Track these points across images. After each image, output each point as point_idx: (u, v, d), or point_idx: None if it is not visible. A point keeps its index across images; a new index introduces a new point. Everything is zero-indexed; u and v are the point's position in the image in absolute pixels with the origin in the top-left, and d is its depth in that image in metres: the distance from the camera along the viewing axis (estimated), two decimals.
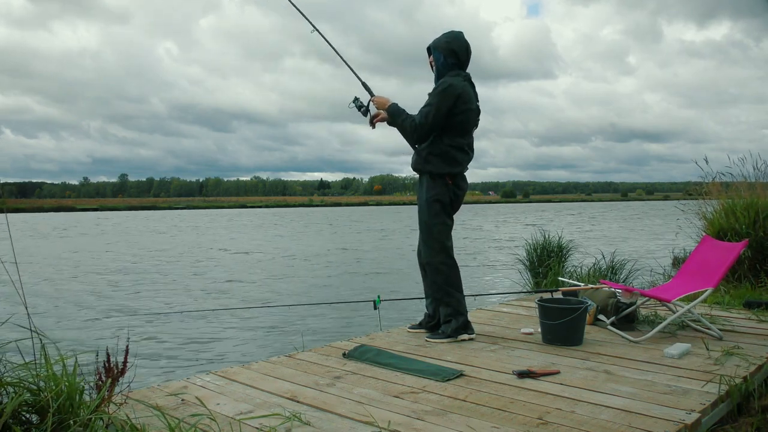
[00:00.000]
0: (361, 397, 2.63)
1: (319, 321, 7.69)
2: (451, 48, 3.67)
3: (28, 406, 2.08)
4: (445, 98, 3.56)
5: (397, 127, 3.75)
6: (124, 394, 2.48)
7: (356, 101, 3.85)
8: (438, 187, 3.66)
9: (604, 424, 2.25)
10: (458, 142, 3.65)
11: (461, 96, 3.58)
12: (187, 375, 3.30)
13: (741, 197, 6.58)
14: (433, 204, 3.66)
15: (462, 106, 3.59)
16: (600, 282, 4.57)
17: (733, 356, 3.19)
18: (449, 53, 3.67)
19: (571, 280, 5.86)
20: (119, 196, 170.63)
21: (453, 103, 3.56)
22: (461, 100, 3.58)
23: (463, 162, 3.70)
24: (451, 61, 3.68)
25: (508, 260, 8.90)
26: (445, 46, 3.67)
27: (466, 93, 3.61)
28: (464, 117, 3.62)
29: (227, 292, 10.62)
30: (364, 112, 3.85)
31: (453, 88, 3.56)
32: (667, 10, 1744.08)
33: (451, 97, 3.55)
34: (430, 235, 3.68)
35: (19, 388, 2.07)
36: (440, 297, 3.71)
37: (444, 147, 3.63)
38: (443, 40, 3.69)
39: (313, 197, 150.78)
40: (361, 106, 3.85)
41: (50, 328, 7.60)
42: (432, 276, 3.72)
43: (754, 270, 6.06)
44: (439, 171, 3.63)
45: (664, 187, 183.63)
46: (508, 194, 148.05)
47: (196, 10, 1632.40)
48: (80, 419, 2.01)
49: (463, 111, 3.60)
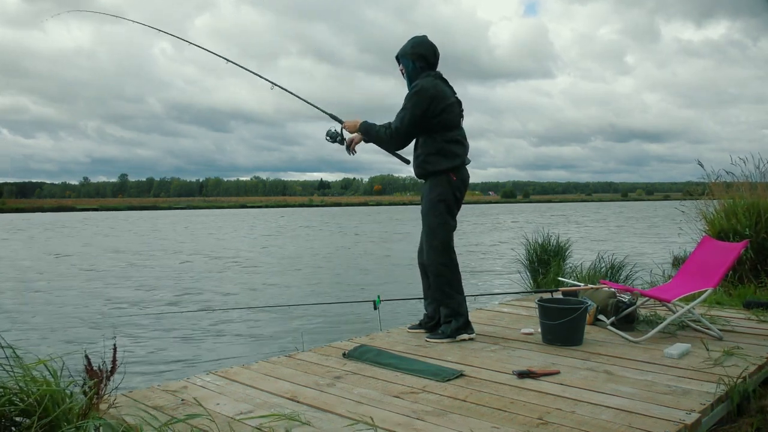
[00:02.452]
0: (361, 397, 2.63)
1: (319, 321, 7.69)
2: (418, 53, 3.70)
3: (15, 407, 2.07)
4: (419, 101, 3.57)
5: (374, 140, 3.76)
6: (125, 395, 2.48)
7: (329, 133, 3.89)
8: (442, 185, 3.66)
9: (604, 424, 2.25)
10: (450, 136, 3.66)
11: (435, 96, 3.59)
12: (186, 375, 3.30)
13: (742, 198, 6.57)
14: (438, 204, 3.66)
15: (441, 105, 3.60)
16: (600, 282, 4.57)
17: (733, 356, 3.19)
18: (417, 58, 3.70)
19: (571, 280, 5.86)
20: (119, 196, 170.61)
21: (428, 105, 3.57)
22: (436, 100, 3.59)
23: (462, 153, 3.70)
24: (420, 64, 3.70)
25: (508, 260, 8.90)
26: (412, 52, 3.70)
27: (439, 91, 3.62)
28: (447, 114, 3.63)
29: (227, 292, 10.62)
30: (340, 141, 3.89)
31: (424, 90, 3.58)
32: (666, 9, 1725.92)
33: (424, 100, 3.57)
34: (434, 236, 3.68)
35: (5, 391, 2.06)
36: (440, 298, 3.71)
37: (438, 144, 3.63)
38: (409, 47, 3.73)
39: (313, 197, 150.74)
40: (336, 135, 3.89)
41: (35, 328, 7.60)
42: (433, 277, 3.71)
43: (754, 270, 6.06)
44: (441, 168, 3.63)
45: (665, 188, 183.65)
46: (508, 194, 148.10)
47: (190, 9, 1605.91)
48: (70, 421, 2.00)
49: (443, 109, 3.61)
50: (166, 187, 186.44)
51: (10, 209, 76.07)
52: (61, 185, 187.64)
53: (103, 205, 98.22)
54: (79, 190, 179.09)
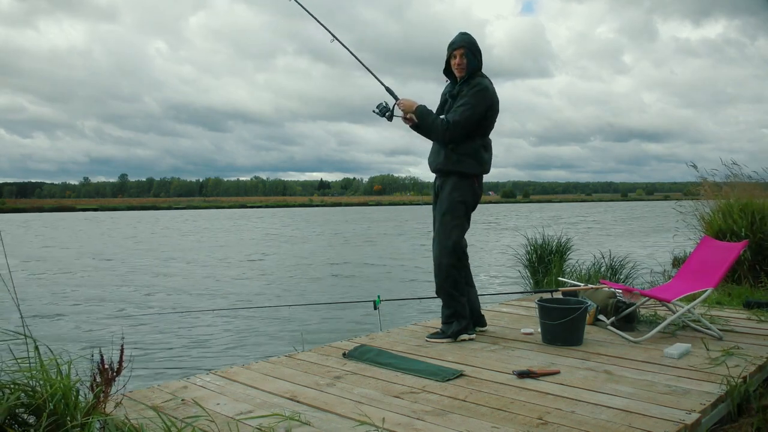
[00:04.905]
0: (361, 397, 2.63)
1: (319, 321, 7.69)
2: (478, 48, 3.72)
3: (24, 406, 2.08)
4: (483, 99, 3.60)
5: (427, 127, 3.68)
6: (126, 395, 2.48)
7: (380, 106, 3.78)
8: (465, 188, 3.67)
9: (604, 424, 2.25)
10: (485, 142, 3.72)
11: (496, 102, 3.66)
12: (187, 375, 3.30)
13: (736, 198, 6.58)
14: (458, 206, 3.66)
15: (495, 111, 3.68)
16: (600, 282, 4.57)
17: (733, 356, 3.19)
18: (479, 54, 3.71)
19: (571, 280, 5.86)
20: (119, 196, 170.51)
21: (489, 107, 3.62)
22: (495, 106, 3.66)
23: (489, 162, 3.76)
24: (477, 62, 3.70)
25: (509, 260, 8.90)
26: (472, 48, 3.68)
27: (496, 96, 3.69)
28: (491, 120, 3.70)
29: (227, 292, 10.62)
30: (389, 117, 3.77)
31: (489, 92, 3.63)
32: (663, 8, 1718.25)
33: (488, 100, 3.62)
34: (447, 236, 3.66)
35: (15, 389, 2.06)
36: (445, 299, 3.71)
37: (476, 147, 3.65)
38: (471, 41, 3.70)
39: (313, 197, 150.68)
40: (386, 110, 3.78)
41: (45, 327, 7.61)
42: (439, 276, 3.69)
43: (753, 270, 6.07)
44: (471, 171, 3.66)
45: (665, 188, 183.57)
46: (508, 194, 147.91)
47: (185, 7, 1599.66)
48: (77, 420, 2.00)
49: (492, 114, 3.68)
50: (166, 187, 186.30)
51: (10, 209, 76.06)
52: (61, 185, 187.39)
53: (103, 205, 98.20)
54: (79, 190, 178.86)
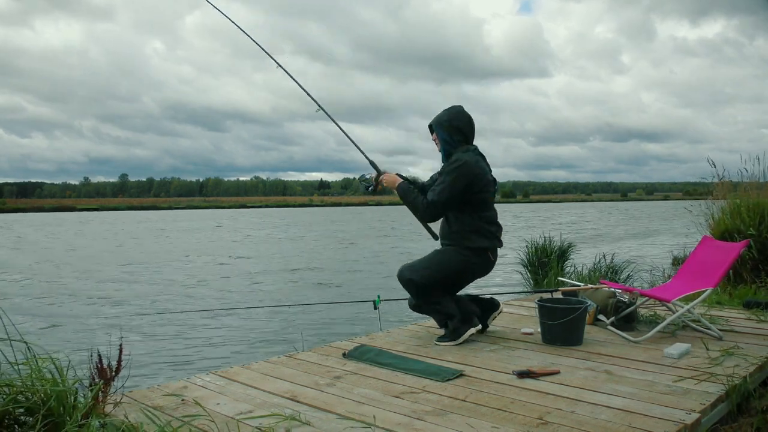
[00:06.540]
0: (361, 397, 2.63)
1: (319, 321, 7.69)
2: (455, 126, 3.61)
3: (20, 406, 2.07)
4: (460, 176, 3.48)
5: (408, 205, 3.69)
6: (125, 395, 2.48)
7: (363, 179, 3.87)
8: (479, 258, 3.59)
9: (604, 424, 2.25)
10: (487, 216, 3.60)
11: (477, 174, 3.52)
12: (187, 375, 3.30)
13: (748, 197, 6.56)
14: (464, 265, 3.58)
15: (481, 183, 3.54)
16: (600, 282, 4.57)
17: (733, 356, 3.19)
18: (454, 131, 3.61)
19: (571, 280, 5.87)
20: (119, 196, 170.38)
21: (470, 182, 3.50)
22: (478, 178, 3.52)
23: (498, 234, 3.66)
24: (457, 138, 3.62)
25: (509, 260, 8.90)
26: (449, 124, 3.61)
27: (480, 169, 3.56)
28: (485, 193, 3.57)
29: (227, 292, 10.62)
30: (372, 191, 3.87)
31: (468, 167, 3.49)
32: (661, 7, 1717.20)
33: (467, 176, 3.49)
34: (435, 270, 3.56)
35: (11, 390, 2.06)
36: (427, 310, 3.69)
37: (476, 222, 3.56)
38: (445, 118, 3.63)
39: (313, 197, 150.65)
40: (370, 184, 3.86)
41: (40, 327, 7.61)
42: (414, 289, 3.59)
43: (755, 270, 6.06)
44: (481, 245, 3.57)
45: (665, 187, 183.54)
46: (508, 194, 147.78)
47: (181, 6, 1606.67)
48: (74, 420, 2.00)
49: (481, 188, 3.55)
50: (167, 187, 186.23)
51: (11, 209, 76.04)
52: (62, 185, 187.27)
53: (104, 205, 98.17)
54: (79, 190, 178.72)
